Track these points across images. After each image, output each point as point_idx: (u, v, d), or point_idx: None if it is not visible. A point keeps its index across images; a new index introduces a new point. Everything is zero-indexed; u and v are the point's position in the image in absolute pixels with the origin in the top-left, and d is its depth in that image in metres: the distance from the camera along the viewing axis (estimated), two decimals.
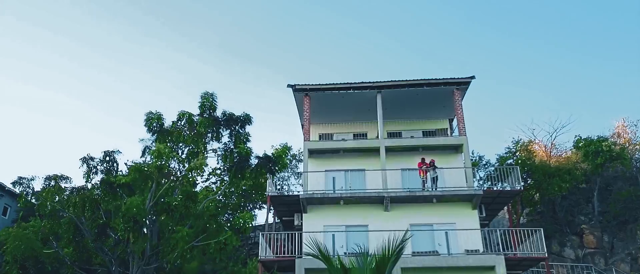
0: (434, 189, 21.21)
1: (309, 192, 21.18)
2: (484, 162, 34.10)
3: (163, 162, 14.65)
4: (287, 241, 20.23)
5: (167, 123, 16.27)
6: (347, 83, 23.52)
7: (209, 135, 15.98)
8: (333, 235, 21.01)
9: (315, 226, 21.07)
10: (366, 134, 25.66)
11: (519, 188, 20.73)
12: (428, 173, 21.48)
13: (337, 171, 23.24)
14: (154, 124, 16.27)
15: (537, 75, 69.68)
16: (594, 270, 26.06)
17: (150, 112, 16.72)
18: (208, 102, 15.55)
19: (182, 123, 15.72)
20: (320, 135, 25.70)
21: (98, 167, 16.16)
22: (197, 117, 15.29)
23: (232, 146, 15.99)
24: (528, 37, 73.61)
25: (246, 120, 14.81)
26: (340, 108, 24.87)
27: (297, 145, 39.01)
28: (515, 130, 56.30)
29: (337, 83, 23.55)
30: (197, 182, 19.63)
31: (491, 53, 73.06)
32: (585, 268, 26.90)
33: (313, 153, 23.25)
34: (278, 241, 20.90)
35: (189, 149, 16.15)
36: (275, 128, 74.74)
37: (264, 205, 31.25)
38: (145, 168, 14.79)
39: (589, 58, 70.46)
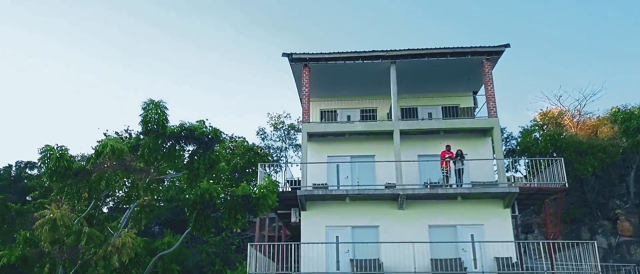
0: (459, 184, 17.65)
1: (308, 188, 17.65)
2: (505, 135, 30.47)
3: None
4: (283, 252, 16.89)
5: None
6: (355, 51, 19.52)
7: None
8: (337, 238, 17.70)
9: (316, 227, 17.72)
10: (376, 110, 21.84)
11: (563, 184, 17.13)
12: (451, 164, 17.86)
13: (342, 158, 19.63)
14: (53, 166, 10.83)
15: (566, 39, 63.79)
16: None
17: (48, 147, 11.07)
18: (154, 114, 10.36)
19: (104, 157, 10.81)
20: (321, 112, 21.89)
21: None
22: (137, 136, 10.88)
23: (195, 175, 11.02)
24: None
25: (214, 138, 10.47)
26: (345, 82, 20.96)
27: (296, 114, 35.32)
28: (539, 97, 49.69)
29: (342, 52, 19.55)
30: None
31: (513, 17, 66.80)
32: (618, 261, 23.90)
33: (313, 136, 19.57)
34: (271, 252, 17.59)
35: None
36: (270, 95, 69.93)
37: None
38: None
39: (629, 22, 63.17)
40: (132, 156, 10.51)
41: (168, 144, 9.98)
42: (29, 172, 29.70)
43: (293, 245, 16.50)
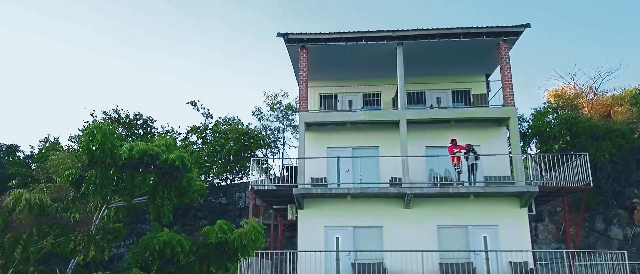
0: (473, 182, 16.06)
1: (306, 186, 16.06)
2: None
3: None
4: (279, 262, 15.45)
5: None
6: (359, 31, 17.63)
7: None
8: (337, 239, 16.18)
9: (314, 227, 16.25)
10: (380, 95, 20.07)
11: (587, 183, 15.51)
12: (462, 159, 16.22)
13: (343, 150, 17.98)
14: None
15: (582, 13, 60.27)
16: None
17: None
18: (100, 142, 7.58)
19: (20, 213, 7.92)
20: (321, 97, 20.11)
21: None
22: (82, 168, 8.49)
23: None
24: None
25: (182, 167, 8.46)
26: (347, 64, 19.12)
27: (294, 92, 33.54)
28: (552, 76, 44.46)
29: (344, 32, 17.66)
30: None
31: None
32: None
33: (311, 126, 17.88)
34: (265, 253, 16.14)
35: None
36: (268, 71, 67.08)
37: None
38: None
39: None
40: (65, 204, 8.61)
41: (122, 175, 8.16)
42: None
43: (288, 253, 15.02)
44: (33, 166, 27.23)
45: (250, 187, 16.41)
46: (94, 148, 7.39)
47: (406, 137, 16.79)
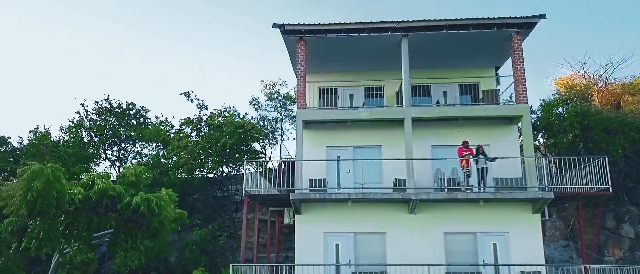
0: (483, 187, 14.99)
1: (303, 191, 14.99)
2: None
3: None
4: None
5: None
6: (361, 22, 16.39)
7: None
8: (337, 246, 15.25)
9: (312, 234, 15.28)
10: (383, 89, 18.90)
11: (606, 188, 14.44)
12: (472, 162, 15.14)
13: (343, 148, 16.90)
14: None
15: (594, 2, 57.47)
16: None
17: None
18: (39, 189, 6.12)
19: None
20: (320, 91, 18.93)
21: None
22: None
23: None
24: None
25: (147, 213, 7.19)
26: (348, 56, 17.91)
27: (292, 81, 32.25)
28: (561, 64, 44.49)
29: (345, 23, 16.42)
30: None
31: None
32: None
33: (310, 124, 16.76)
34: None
35: None
36: (264, 60, 65.03)
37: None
38: None
39: None
40: None
41: (76, 221, 7.06)
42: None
43: (285, 267, 14.05)
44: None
45: (244, 193, 15.33)
46: (33, 198, 6.21)
47: (411, 137, 15.69)
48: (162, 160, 26.62)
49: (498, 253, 14.81)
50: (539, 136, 26.93)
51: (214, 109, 26.47)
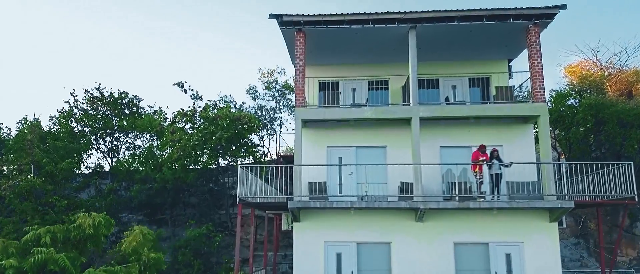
0: (496, 195, 13.86)
1: (302, 198, 13.86)
2: None
3: None
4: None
5: None
6: (365, 13, 15.07)
7: None
8: (339, 256, 14.21)
9: (312, 242, 14.23)
10: (387, 83, 17.65)
11: (631, 197, 13.30)
12: (485, 168, 13.99)
13: (345, 149, 15.75)
14: None
15: None
16: None
17: None
18: None
19: None
20: (320, 85, 17.69)
21: None
22: None
23: None
24: None
25: None
26: (351, 49, 16.63)
27: (291, 69, 30.88)
28: (573, 52, 37.86)
29: (348, 14, 15.10)
30: None
31: None
32: None
33: (309, 123, 15.56)
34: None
35: None
36: (263, 47, 62.80)
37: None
38: None
39: None
40: None
41: None
42: None
43: None
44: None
45: (237, 199, 14.23)
46: None
47: (419, 138, 14.53)
48: (155, 151, 25.48)
49: (512, 264, 13.79)
50: (550, 128, 25.79)
51: (209, 100, 25.23)
